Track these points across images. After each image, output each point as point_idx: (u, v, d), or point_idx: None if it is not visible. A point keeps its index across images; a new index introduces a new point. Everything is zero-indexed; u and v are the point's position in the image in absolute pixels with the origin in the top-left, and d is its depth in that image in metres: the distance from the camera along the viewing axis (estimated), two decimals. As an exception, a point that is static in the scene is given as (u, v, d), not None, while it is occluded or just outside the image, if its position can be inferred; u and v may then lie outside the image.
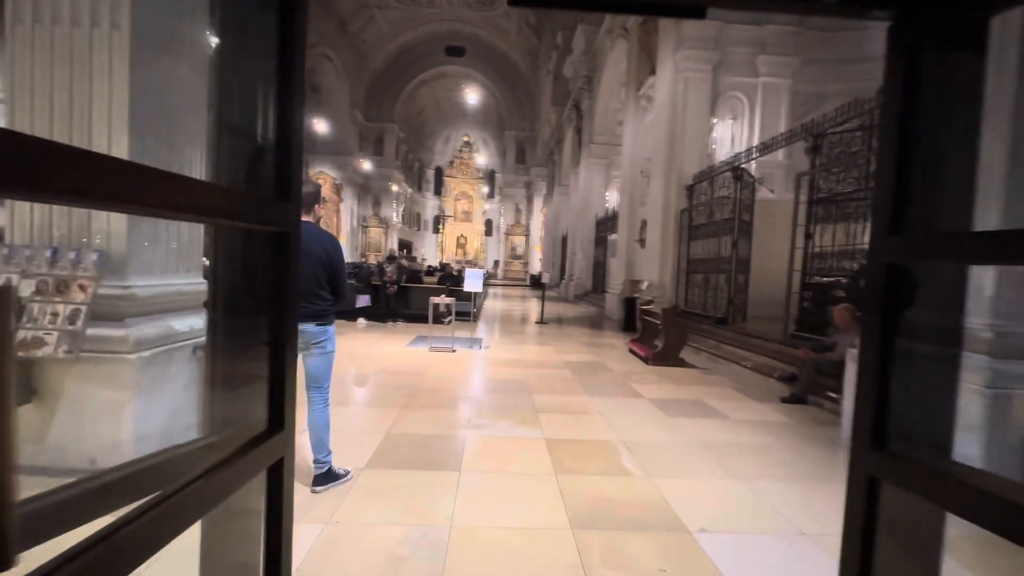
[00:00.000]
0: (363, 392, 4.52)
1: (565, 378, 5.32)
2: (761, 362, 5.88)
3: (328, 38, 28.26)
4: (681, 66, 9.17)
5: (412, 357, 6.21)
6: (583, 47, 17.11)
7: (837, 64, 9.42)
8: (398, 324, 9.26)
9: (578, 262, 18.76)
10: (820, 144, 5.77)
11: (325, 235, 2.47)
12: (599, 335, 9.40)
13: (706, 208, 8.66)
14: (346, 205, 33.03)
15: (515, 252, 38.28)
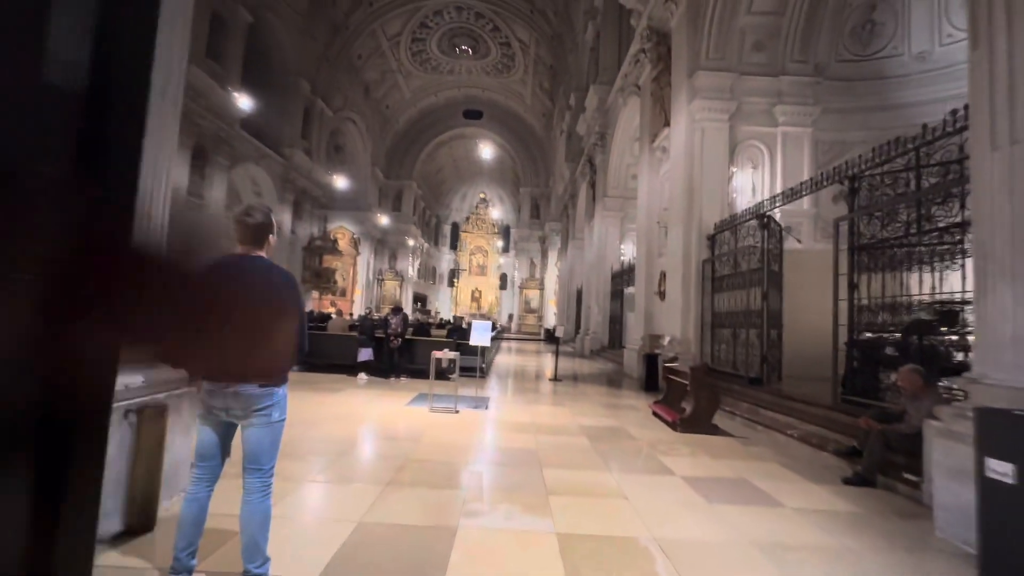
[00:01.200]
0: (345, 462, 3.88)
1: (582, 447, 4.61)
2: (809, 431, 5.08)
3: (354, 103, 29.81)
4: (696, 116, 9.01)
5: (410, 418, 5.57)
6: (596, 105, 17.46)
7: (860, 112, 9.15)
8: (401, 380, 8.66)
9: (594, 316, 18.14)
10: (858, 187, 5.30)
11: (278, 273, 2.00)
12: (618, 395, 8.63)
13: (730, 258, 8.13)
14: (363, 258, 33.42)
15: (529, 306, 37.85)
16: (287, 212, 24.32)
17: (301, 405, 5.90)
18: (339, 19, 25.11)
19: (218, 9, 17.62)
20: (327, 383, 7.87)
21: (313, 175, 26.03)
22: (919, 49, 8.91)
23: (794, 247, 8.58)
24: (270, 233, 2.00)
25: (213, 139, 18.09)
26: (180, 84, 2.97)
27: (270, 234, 2.00)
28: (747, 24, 8.94)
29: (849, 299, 5.23)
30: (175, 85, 2.86)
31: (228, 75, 18.37)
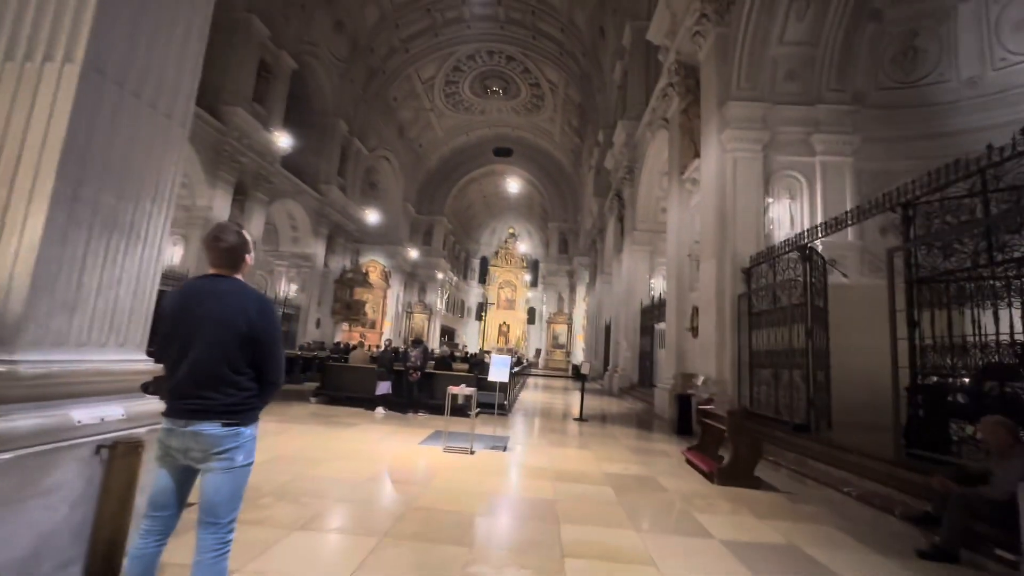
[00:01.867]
0: (342, 508, 3.56)
1: (606, 500, 4.14)
2: (868, 489, 4.44)
3: (388, 142, 31.02)
4: (728, 146, 8.72)
5: (421, 458, 5.23)
6: (624, 140, 17.44)
7: (904, 141, 8.65)
8: (419, 415, 8.34)
9: (622, 352, 17.48)
10: (912, 215, 4.83)
11: (249, 297, 1.76)
12: (648, 438, 8.03)
13: (768, 292, 7.61)
14: (393, 291, 33.91)
15: (557, 341, 37.18)
16: (321, 245, 25.03)
17: (310, 440, 5.66)
18: (376, 64, 26.46)
19: (265, 57, 18.81)
20: (343, 417, 7.64)
21: (347, 210, 26.87)
22: (969, 74, 8.43)
23: (840, 281, 7.99)
24: (245, 254, 1.81)
25: (254, 176, 18.95)
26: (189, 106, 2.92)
27: (246, 255, 1.81)
28: (779, 54, 8.73)
29: (910, 338, 4.68)
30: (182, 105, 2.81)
31: (271, 116, 19.41)
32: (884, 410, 7.72)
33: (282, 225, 24.21)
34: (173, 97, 2.73)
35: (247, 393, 1.71)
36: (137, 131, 2.47)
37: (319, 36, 22.10)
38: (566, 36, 25.07)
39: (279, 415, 7.37)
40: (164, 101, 2.67)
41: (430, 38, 26.73)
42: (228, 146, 17.24)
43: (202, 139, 16.41)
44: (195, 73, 2.99)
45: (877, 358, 7.96)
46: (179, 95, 2.79)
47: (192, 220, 16.82)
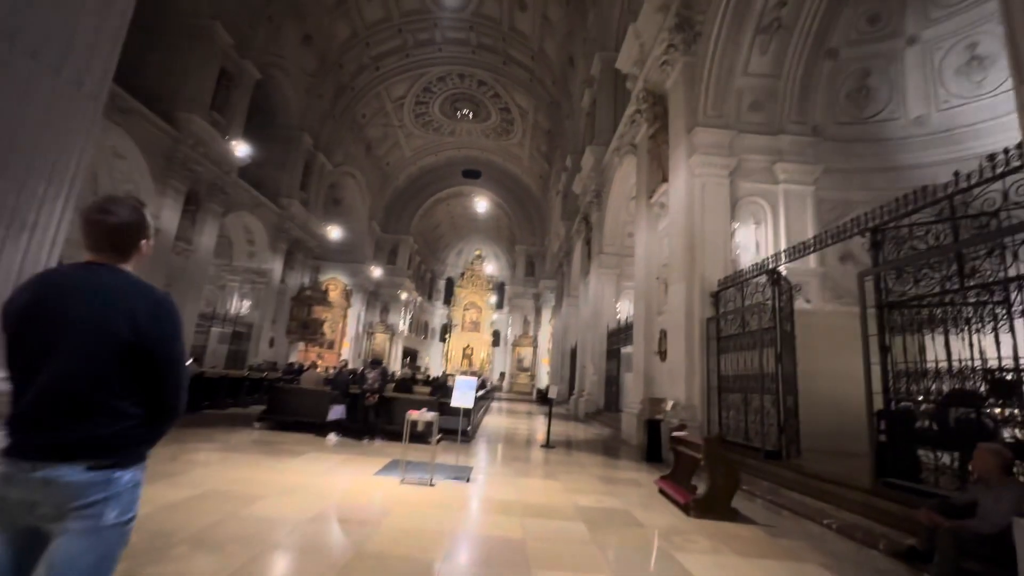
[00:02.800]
0: (276, 558, 3.03)
1: (579, 538, 3.77)
2: (848, 521, 4.27)
3: (355, 159, 30.44)
4: (696, 171, 8.82)
5: (375, 492, 4.71)
6: (592, 164, 17.67)
7: (861, 173, 9.03)
8: (375, 442, 7.73)
9: (588, 376, 17.29)
10: (881, 239, 4.86)
11: (140, 295, 1.30)
12: (617, 466, 7.72)
13: (737, 317, 7.58)
14: (354, 310, 32.77)
15: (522, 364, 36.76)
16: (279, 261, 23.95)
17: (247, 472, 5.03)
18: (345, 80, 26.10)
19: (226, 65, 18.13)
20: (290, 444, 6.96)
21: (308, 226, 25.94)
22: (916, 113, 8.94)
23: (803, 307, 8.09)
24: (141, 238, 1.36)
25: (208, 186, 17.98)
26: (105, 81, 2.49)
27: (141, 240, 1.36)
28: (744, 85, 9.00)
29: (882, 363, 4.62)
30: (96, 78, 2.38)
31: (231, 126, 18.60)
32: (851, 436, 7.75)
33: (237, 238, 23.04)
34: (84, 66, 2.31)
35: (129, 423, 1.26)
36: (29, 97, 2.03)
37: (286, 49, 21.60)
38: (536, 64, 25.60)
39: (216, 442, 6.62)
40: (72, 69, 2.24)
41: (401, 58, 26.67)
42: (181, 153, 16.33)
43: (153, 145, 15.46)
44: (114, 47, 2.56)
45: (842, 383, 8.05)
46: (92, 65, 2.37)
47: (136, 230, 15.67)
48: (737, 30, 8.51)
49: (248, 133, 19.91)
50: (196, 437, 6.88)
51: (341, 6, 22.43)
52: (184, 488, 4.15)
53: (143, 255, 1.38)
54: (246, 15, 18.41)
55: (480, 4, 23.31)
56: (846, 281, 8.87)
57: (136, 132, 14.88)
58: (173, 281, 16.72)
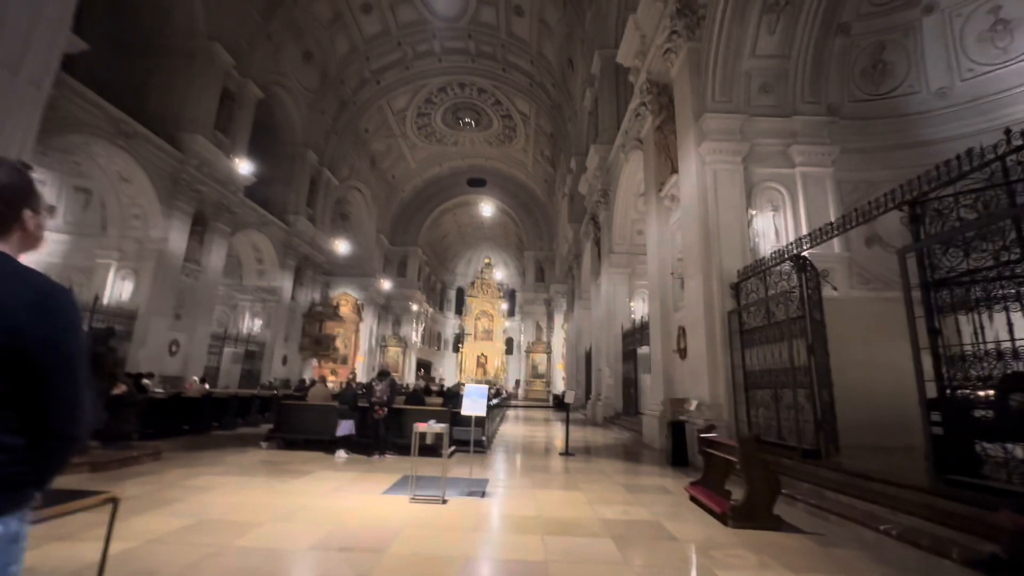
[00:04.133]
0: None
1: (608, 557, 3.38)
2: (908, 525, 3.82)
3: (360, 173, 30.50)
4: (707, 159, 8.44)
5: (382, 513, 4.36)
6: (597, 164, 17.36)
7: (882, 151, 8.56)
8: (386, 457, 7.39)
9: (605, 379, 16.81)
10: (921, 212, 4.43)
11: (20, 283, 0.98)
12: (641, 472, 7.28)
13: (760, 308, 7.15)
14: (366, 324, 32.69)
15: (536, 371, 36.28)
16: (288, 278, 23.93)
17: (248, 496, 4.72)
18: (347, 95, 26.19)
19: (228, 85, 18.22)
20: (297, 463, 6.65)
21: (316, 241, 25.94)
22: (938, 85, 8.47)
23: (830, 295, 7.61)
24: (23, 207, 1.04)
25: (215, 206, 18.01)
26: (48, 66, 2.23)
27: (24, 210, 1.04)
28: (752, 67, 8.62)
29: (932, 347, 4.17)
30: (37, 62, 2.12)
31: (235, 145, 18.66)
32: (890, 431, 7.27)
33: (246, 257, 23.08)
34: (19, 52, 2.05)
35: (11, 456, 0.95)
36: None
37: (287, 66, 21.72)
38: (536, 68, 25.44)
39: (220, 465, 6.34)
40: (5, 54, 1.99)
41: (401, 70, 26.72)
42: (187, 175, 16.35)
43: (158, 167, 15.50)
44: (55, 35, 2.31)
45: (875, 374, 7.58)
46: (30, 52, 2.11)
47: (145, 253, 15.69)
48: (742, 10, 8.16)
49: (253, 152, 19.97)
50: (200, 460, 6.61)
51: (338, 21, 22.55)
52: (177, 518, 3.85)
53: (30, 234, 1.06)
54: (245, 35, 18.52)
55: (477, 12, 23.27)
56: (873, 265, 8.40)
57: (141, 155, 14.93)
58: (183, 302, 16.70)
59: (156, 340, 15.25)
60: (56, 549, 3.06)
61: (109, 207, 15.92)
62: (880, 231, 8.25)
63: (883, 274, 8.18)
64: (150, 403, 8.44)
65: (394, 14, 23.20)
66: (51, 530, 3.34)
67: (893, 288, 8.19)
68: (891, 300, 8.14)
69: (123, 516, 3.88)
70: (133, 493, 4.66)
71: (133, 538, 3.33)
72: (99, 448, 5.98)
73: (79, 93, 12.76)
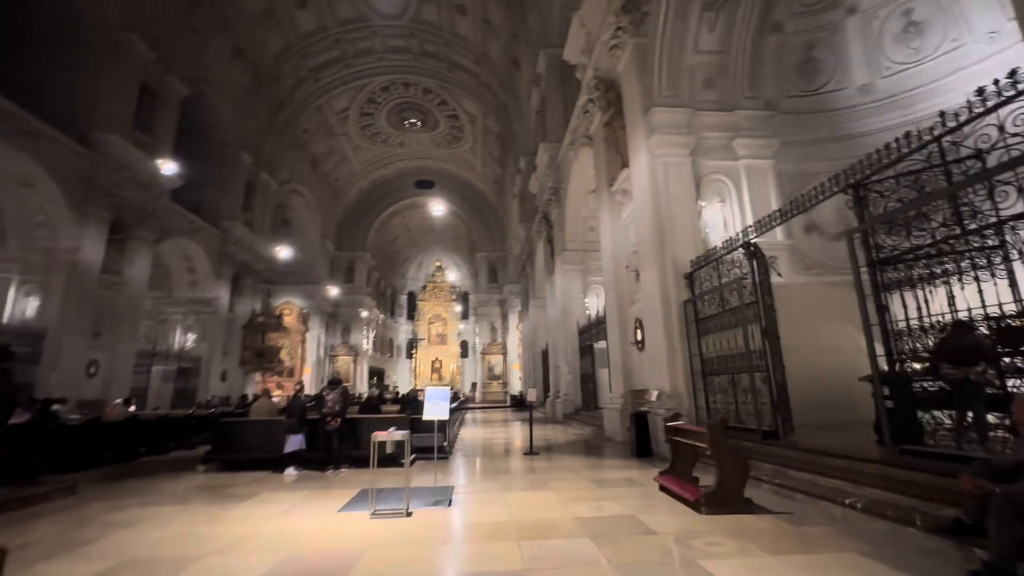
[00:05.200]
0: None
1: (589, 559, 3.20)
2: (872, 498, 3.92)
3: (301, 176, 29.01)
4: (657, 152, 8.57)
5: (340, 533, 3.97)
6: (547, 162, 17.39)
7: (816, 144, 9.04)
8: (341, 472, 6.90)
9: (563, 376, 16.85)
10: (863, 195, 4.61)
11: None
12: (607, 466, 7.23)
13: (715, 296, 7.30)
14: (313, 334, 31.17)
15: (493, 372, 36.06)
16: (225, 288, 22.34)
17: (183, 528, 4.17)
18: (283, 94, 24.85)
19: (148, 81, 16.71)
20: (240, 486, 6.04)
21: (255, 248, 24.40)
22: (862, 82, 9.06)
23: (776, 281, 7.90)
24: None
25: (136, 212, 16.45)
26: None
27: None
28: (695, 62, 8.85)
29: (881, 323, 4.33)
30: None
31: (158, 146, 17.13)
32: (837, 408, 7.61)
33: (176, 267, 21.30)
34: None
35: None
36: None
37: (215, 62, 20.26)
38: (481, 68, 25.25)
39: (146, 495, 5.62)
40: None
41: (340, 69, 25.66)
42: (101, 177, 14.80)
43: (67, 170, 13.90)
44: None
45: (822, 355, 7.93)
46: None
47: (53, 265, 14.02)
48: (684, 7, 8.35)
49: (181, 154, 18.42)
50: (124, 491, 5.85)
51: (271, 17, 21.32)
52: (90, 562, 3.29)
53: None
54: (167, 27, 17.06)
55: (419, 10, 22.76)
56: (814, 252, 8.84)
57: (45, 157, 13.33)
58: (103, 318, 15.10)
59: (70, 361, 13.66)
60: (-72, 617, 2.48)
61: (8, 215, 14.12)
62: (817, 219, 8.69)
63: (822, 260, 8.63)
64: (63, 431, 7.44)
65: (331, 10, 22.26)
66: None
67: (832, 273, 8.66)
68: (832, 284, 8.62)
69: (26, 564, 3.28)
70: (39, 536, 3.99)
71: (34, 592, 2.79)
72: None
73: (-42, 83, 11.21)
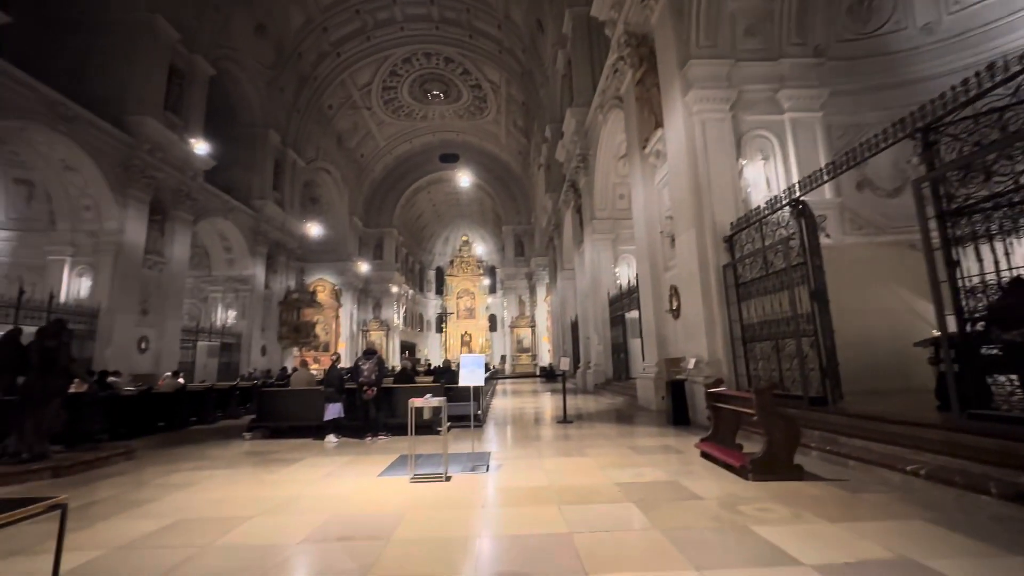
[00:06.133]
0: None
1: (635, 523, 3.13)
2: (937, 464, 3.68)
3: (327, 153, 29.19)
4: (694, 108, 8.08)
5: (382, 496, 4.03)
6: (574, 128, 16.82)
7: (871, 92, 8.33)
8: (379, 439, 7.05)
9: (594, 347, 16.71)
10: (934, 140, 4.17)
11: None
12: (644, 434, 7.13)
13: (757, 258, 6.94)
14: (345, 309, 31.90)
15: (522, 345, 36.28)
16: (260, 266, 22.93)
17: (232, 490, 4.32)
18: (306, 70, 24.74)
19: (175, 61, 16.89)
20: (284, 452, 6.25)
21: (287, 226, 24.87)
22: (924, 21, 8.22)
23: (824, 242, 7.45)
24: None
25: (173, 193, 16.91)
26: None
27: None
28: (736, 9, 8.20)
29: (951, 281, 3.97)
30: None
31: (189, 126, 17.43)
32: (886, 374, 7.27)
33: (213, 247, 21.97)
34: None
35: None
36: None
37: (239, 40, 20.26)
38: (504, 33, 24.39)
39: (198, 460, 5.88)
40: None
41: (362, 41, 25.29)
42: (138, 160, 15.19)
43: (106, 153, 14.33)
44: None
45: (870, 319, 7.52)
46: None
47: (101, 246, 14.63)
48: (725, -53, 7.70)
49: (210, 134, 18.72)
50: (176, 456, 6.15)
51: (291, -12, 21.06)
52: (150, 519, 3.44)
53: None
54: (190, 6, 17.08)
55: (438, -27, 22.05)
56: (865, 210, 8.27)
57: (85, 141, 13.75)
58: (149, 297, 15.78)
59: (123, 337, 14.40)
60: (6, 566, 2.63)
61: (56, 199, 14.74)
62: (871, 174, 8.10)
63: (875, 218, 8.07)
64: (119, 401, 7.85)
65: (350, -22, 21.79)
66: (1, 543, 2.91)
67: (885, 232, 8.11)
68: (884, 244, 8.10)
69: (89, 522, 3.45)
70: (101, 496, 4.21)
71: (99, 546, 2.92)
72: (62, 451, 5.46)
73: (7, 73, 11.54)
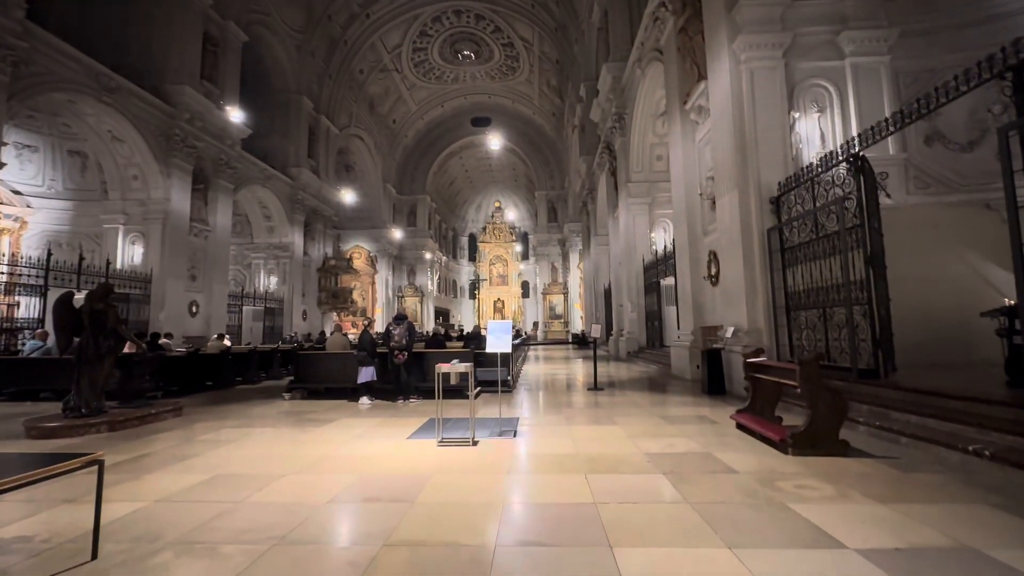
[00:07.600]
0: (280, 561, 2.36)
1: (664, 495, 3.01)
2: (1004, 444, 3.36)
3: (360, 119, 29.13)
4: (742, 57, 7.41)
5: (409, 458, 4.08)
6: (610, 84, 15.96)
7: (948, 31, 7.38)
8: (411, 402, 7.19)
9: (627, 314, 16.40)
10: (1028, 80, 3.61)
11: None
12: (677, 403, 6.95)
13: (807, 221, 6.44)
14: (381, 276, 32.58)
15: (554, 311, 36.22)
16: (298, 233, 23.51)
17: (269, 448, 4.49)
18: (336, 33, 24.41)
19: (209, 29, 16.97)
20: (320, 412, 6.47)
21: (323, 193, 25.26)
22: (1020, -58, 7.12)
23: (884, 203, 6.83)
24: None
25: (214, 162, 17.34)
26: None
27: None
28: (795, -60, 7.33)
29: None
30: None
31: (225, 94, 17.65)
32: (948, 347, 6.73)
33: (254, 215, 22.63)
34: None
35: None
36: None
37: (269, 3, 20.10)
38: (537, -16, 23.16)
39: (240, 418, 6.17)
40: None
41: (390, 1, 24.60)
42: (179, 129, 15.57)
43: (148, 123, 14.75)
44: None
45: (932, 288, 6.94)
46: None
47: (150, 214, 15.31)
48: None
49: (245, 102, 18.95)
50: (220, 414, 6.47)
51: (317, -52, 20.54)
52: (191, 474, 3.60)
53: None
54: (220, -31, 16.97)
55: (467, -78, 20.91)
56: (934, 167, 7.50)
57: (129, 111, 14.16)
58: (196, 263, 16.51)
59: (175, 302, 15.21)
60: (57, 515, 2.80)
61: (107, 169, 15.41)
62: (942, 126, 7.28)
63: (945, 176, 7.30)
64: (169, 361, 8.31)
65: (377, -67, 21.02)
66: (53, 492, 3.10)
67: (956, 191, 7.35)
68: (952, 205, 7.35)
69: (137, 475, 3.65)
70: (151, 450, 4.46)
71: (143, 498, 3.08)
72: (117, 407, 5.83)
73: (53, 45, 11.90)
